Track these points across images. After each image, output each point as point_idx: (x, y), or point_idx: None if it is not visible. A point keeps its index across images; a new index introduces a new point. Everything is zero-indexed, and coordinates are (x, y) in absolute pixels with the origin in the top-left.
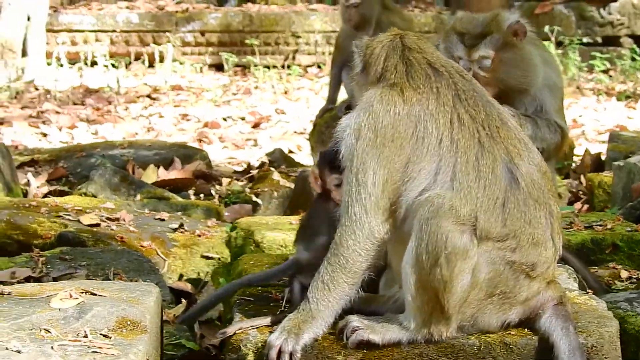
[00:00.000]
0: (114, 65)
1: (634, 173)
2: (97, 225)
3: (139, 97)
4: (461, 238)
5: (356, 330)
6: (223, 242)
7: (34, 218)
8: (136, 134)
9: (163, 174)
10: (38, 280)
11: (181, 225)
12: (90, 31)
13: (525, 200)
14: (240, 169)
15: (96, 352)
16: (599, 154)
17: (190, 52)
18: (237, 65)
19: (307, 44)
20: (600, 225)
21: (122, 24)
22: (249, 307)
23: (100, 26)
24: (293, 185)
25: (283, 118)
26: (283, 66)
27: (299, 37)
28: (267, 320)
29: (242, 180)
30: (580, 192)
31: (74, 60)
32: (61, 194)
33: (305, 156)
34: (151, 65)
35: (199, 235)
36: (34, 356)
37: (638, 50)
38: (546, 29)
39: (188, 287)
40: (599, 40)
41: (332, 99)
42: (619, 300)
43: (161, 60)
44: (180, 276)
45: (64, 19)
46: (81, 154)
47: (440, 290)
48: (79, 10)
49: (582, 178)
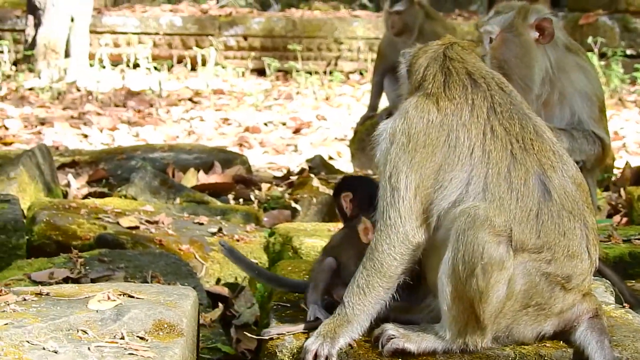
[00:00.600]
0: (156, 68)
1: None
2: (136, 227)
3: (180, 100)
4: (497, 249)
5: (392, 338)
6: (261, 247)
7: (73, 219)
8: (177, 137)
9: (203, 178)
10: (76, 281)
11: (220, 230)
12: (134, 33)
13: (559, 212)
14: (280, 174)
15: (132, 354)
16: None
17: (232, 57)
18: (279, 71)
19: (350, 50)
20: (639, 239)
21: (166, 27)
22: (285, 313)
23: (144, 29)
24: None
25: (324, 124)
26: (325, 72)
27: (341, 43)
28: (302, 326)
29: (282, 186)
30: (620, 205)
31: (116, 62)
32: (101, 195)
33: (345, 163)
34: (193, 69)
35: (238, 240)
36: (71, 357)
37: None
38: (589, 40)
39: (225, 292)
40: None
41: (374, 106)
42: None
43: (203, 64)
44: (218, 280)
45: (108, 21)
46: (122, 156)
47: (476, 300)
48: (122, 13)
49: (622, 191)
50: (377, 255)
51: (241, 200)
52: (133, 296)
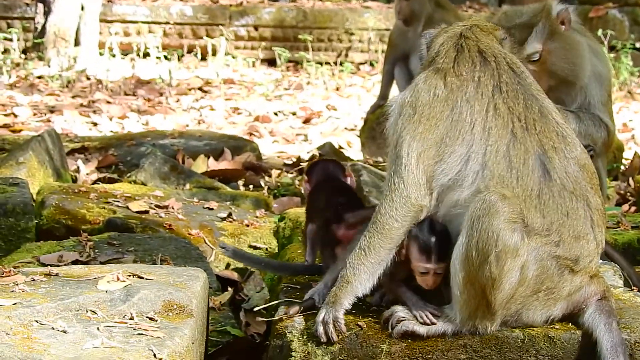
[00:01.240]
0: (166, 57)
1: None
2: (146, 212)
3: (190, 90)
4: (512, 237)
5: (402, 320)
6: (271, 233)
7: (82, 203)
8: (187, 125)
9: (213, 165)
10: (85, 264)
11: (230, 215)
12: (144, 22)
13: (560, 192)
14: (290, 162)
15: (142, 335)
16: None
17: (243, 47)
18: (290, 61)
19: (360, 41)
20: None
21: (176, 16)
22: (295, 295)
23: (154, 18)
24: None
25: (334, 114)
26: (335, 63)
27: (352, 34)
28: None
29: (292, 173)
30: (629, 194)
31: (126, 51)
32: (110, 181)
33: (355, 152)
34: (204, 59)
35: (247, 225)
36: (80, 336)
37: None
38: (599, 32)
39: (235, 276)
40: None
41: (384, 95)
42: None
43: (214, 54)
44: (227, 265)
45: (118, 10)
46: (131, 142)
47: (488, 286)
48: (132, 2)
49: (631, 180)
50: (380, 217)
51: (251, 186)
52: (142, 277)
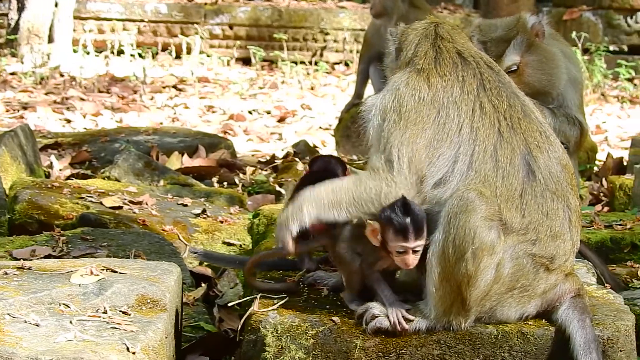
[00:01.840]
0: (140, 55)
1: None
2: (120, 207)
3: (164, 88)
4: (489, 234)
5: (376, 317)
6: (245, 229)
7: (55, 199)
8: (161, 123)
9: (187, 162)
10: (58, 259)
11: (204, 211)
12: (118, 20)
13: (543, 192)
14: (264, 160)
15: (115, 328)
16: (621, 158)
17: (217, 45)
18: (265, 60)
19: (335, 41)
20: (620, 225)
21: (151, 13)
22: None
23: (128, 15)
24: None
25: (309, 113)
26: (310, 62)
27: (327, 34)
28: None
29: (267, 170)
30: (602, 194)
31: (100, 48)
32: (84, 177)
33: (330, 151)
34: (178, 57)
35: (221, 222)
36: (53, 330)
37: None
38: (573, 35)
39: (208, 272)
40: (625, 48)
41: (359, 93)
42: (636, 298)
43: (188, 52)
44: (201, 262)
45: (92, 7)
46: (105, 138)
47: (464, 283)
48: None
49: (604, 181)
50: (362, 184)
51: (225, 184)
52: (116, 271)
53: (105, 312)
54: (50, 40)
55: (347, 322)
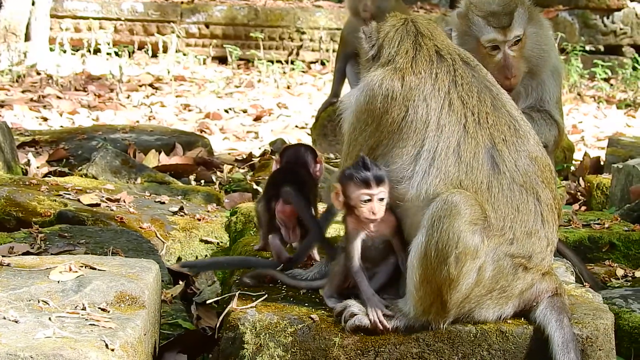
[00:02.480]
0: (117, 54)
1: (633, 175)
2: (97, 205)
3: (141, 86)
4: (473, 238)
5: (355, 315)
6: (222, 227)
7: (33, 196)
8: (137, 121)
9: (164, 160)
10: (37, 255)
11: (181, 209)
12: (95, 18)
13: (510, 185)
14: (241, 158)
15: (94, 325)
16: (598, 157)
17: (194, 44)
18: (241, 59)
19: (312, 40)
20: (598, 224)
21: (127, 12)
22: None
23: (105, 14)
24: None
25: (285, 112)
26: (287, 61)
27: (303, 33)
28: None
29: (244, 168)
30: (579, 194)
31: (77, 47)
32: (61, 174)
33: None
34: (154, 55)
35: (199, 220)
36: (32, 326)
37: (639, 59)
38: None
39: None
40: (602, 48)
41: (336, 92)
42: (614, 297)
43: (165, 51)
44: (179, 259)
45: (69, 5)
46: (83, 136)
47: (445, 286)
48: None
49: (581, 180)
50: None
51: (202, 181)
52: (95, 268)
53: (84, 309)
54: (27, 38)
55: (326, 320)
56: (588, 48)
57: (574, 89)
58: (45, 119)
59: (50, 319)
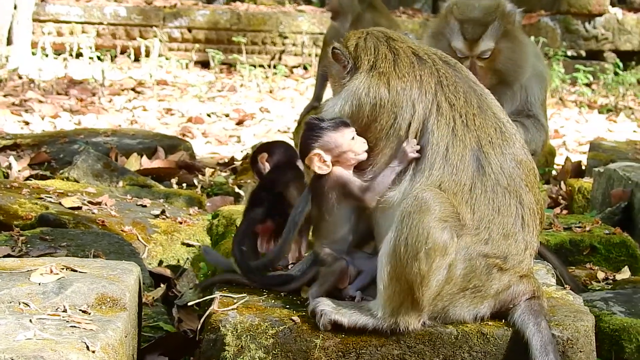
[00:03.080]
0: (99, 58)
1: (614, 179)
2: (79, 208)
3: (123, 90)
4: (442, 235)
5: (324, 312)
6: (204, 230)
7: (14, 199)
8: (119, 126)
9: (146, 163)
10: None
11: (163, 212)
12: (77, 22)
13: (494, 187)
14: (223, 162)
15: (75, 327)
16: (579, 162)
17: (176, 48)
18: (223, 63)
19: (294, 44)
20: (579, 227)
21: (110, 16)
22: (229, 288)
23: (87, 18)
24: None
25: (267, 116)
26: (269, 65)
27: (286, 38)
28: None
29: (226, 172)
30: (560, 198)
31: (59, 51)
32: (43, 178)
33: None
34: (137, 60)
35: (180, 223)
36: (12, 328)
37: (621, 65)
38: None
39: (167, 272)
40: (583, 53)
41: (318, 96)
42: (595, 300)
43: (147, 55)
44: (160, 262)
45: (51, 10)
46: (64, 140)
47: (416, 284)
48: (66, 2)
49: (562, 184)
50: None
51: (184, 185)
52: (76, 270)
53: (65, 311)
54: (9, 42)
55: (307, 322)
56: (570, 53)
57: (556, 94)
58: (27, 123)
59: (31, 320)
